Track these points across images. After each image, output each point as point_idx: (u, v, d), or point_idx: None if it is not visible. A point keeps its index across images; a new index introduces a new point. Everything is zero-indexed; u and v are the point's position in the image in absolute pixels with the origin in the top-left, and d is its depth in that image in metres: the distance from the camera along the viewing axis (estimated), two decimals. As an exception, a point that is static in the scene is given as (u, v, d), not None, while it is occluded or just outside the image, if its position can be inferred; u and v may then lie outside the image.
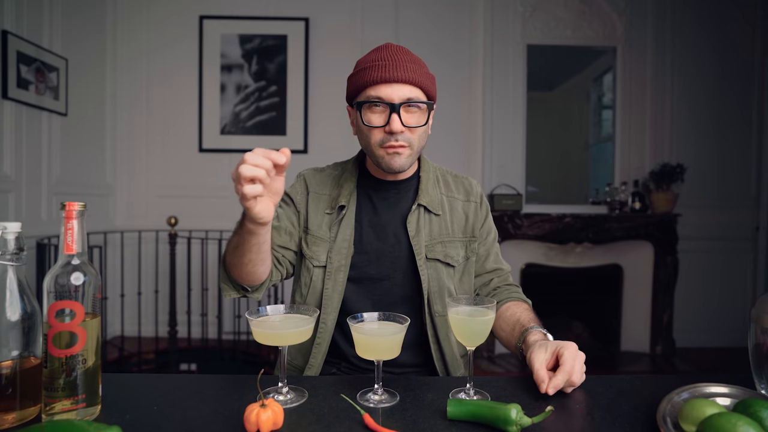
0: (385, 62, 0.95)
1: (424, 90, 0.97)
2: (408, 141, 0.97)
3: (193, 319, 3.13)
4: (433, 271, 1.03)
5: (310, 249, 1.05)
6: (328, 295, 1.02)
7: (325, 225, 1.06)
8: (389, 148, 0.96)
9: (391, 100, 0.94)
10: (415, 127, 0.97)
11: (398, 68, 0.94)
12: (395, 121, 0.93)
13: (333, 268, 1.02)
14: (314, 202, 1.08)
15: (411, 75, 0.95)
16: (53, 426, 0.58)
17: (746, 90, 3.46)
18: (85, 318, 0.66)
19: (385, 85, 0.94)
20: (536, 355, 0.80)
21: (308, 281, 1.05)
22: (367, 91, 0.96)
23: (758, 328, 0.74)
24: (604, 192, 3.47)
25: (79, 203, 0.66)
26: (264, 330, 0.76)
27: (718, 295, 3.49)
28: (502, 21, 3.38)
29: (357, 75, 0.98)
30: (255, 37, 3.44)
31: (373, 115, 0.96)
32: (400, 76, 0.94)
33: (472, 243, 1.09)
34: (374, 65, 0.95)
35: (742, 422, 0.56)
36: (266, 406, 0.64)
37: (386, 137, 0.96)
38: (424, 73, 0.98)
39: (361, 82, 0.96)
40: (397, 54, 0.97)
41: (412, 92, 0.95)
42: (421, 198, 1.05)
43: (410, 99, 0.95)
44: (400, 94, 0.94)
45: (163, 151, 3.47)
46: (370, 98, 0.95)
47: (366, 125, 0.97)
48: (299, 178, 1.13)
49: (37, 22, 2.71)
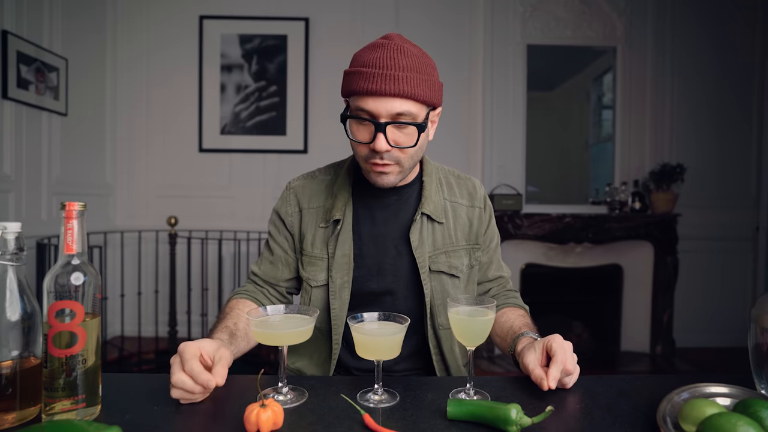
0: (377, 69, 0.83)
1: (421, 100, 0.86)
2: (395, 159, 0.89)
3: (193, 319, 3.13)
4: (437, 283, 0.99)
5: (306, 270, 1.01)
6: (336, 315, 0.98)
7: (320, 241, 1.00)
8: (375, 166, 0.89)
9: (378, 115, 0.84)
10: (404, 147, 0.88)
11: (388, 79, 0.82)
12: (380, 141, 0.85)
13: (336, 287, 0.98)
14: (307, 217, 1.03)
15: (403, 87, 0.83)
16: (53, 426, 0.58)
17: (746, 90, 3.46)
18: (85, 318, 0.66)
19: (372, 98, 0.83)
20: (528, 357, 0.80)
21: (308, 302, 1.02)
22: (353, 100, 0.87)
23: (758, 328, 0.74)
24: (604, 192, 3.47)
25: (79, 203, 0.66)
26: (264, 330, 0.75)
27: (718, 295, 3.49)
28: (502, 21, 3.38)
29: (348, 76, 0.88)
30: (255, 37, 3.44)
31: (359, 128, 0.88)
32: (390, 89, 0.82)
33: (476, 251, 1.05)
34: (364, 72, 0.84)
35: (742, 422, 0.56)
36: (266, 406, 0.64)
37: (371, 154, 0.88)
38: (422, 80, 0.85)
39: (349, 88, 0.87)
40: (394, 58, 0.84)
41: (404, 106, 0.84)
42: (425, 206, 0.99)
43: (401, 114, 0.84)
44: (389, 109, 0.83)
45: (163, 151, 3.47)
46: (356, 111, 0.87)
47: (351, 139, 0.90)
48: (290, 193, 1.05)
49: (37, 22, 2.71)
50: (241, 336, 0.89)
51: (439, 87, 0.91)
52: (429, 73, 0.88)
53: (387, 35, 0.90)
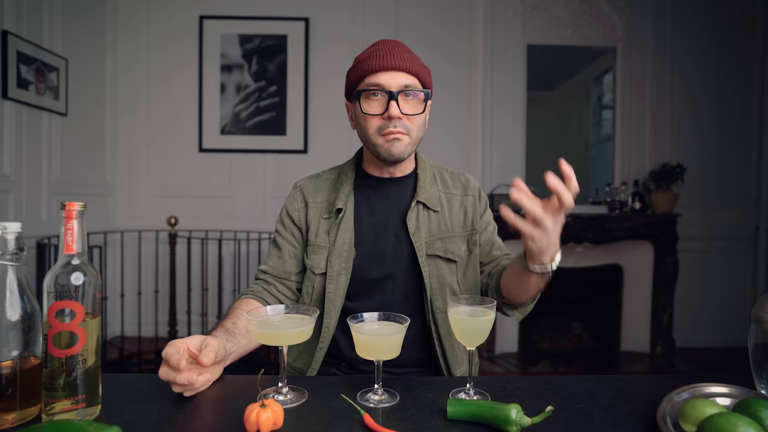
0: (383, 52, 0.98)
1: (420, 79, 1.00)
2: (406, 128, 0.98)
3: (193, 319, 3.13)
4: (434, 267, 1.03)
5: (310, 259, 1.06)
6: (330, 299, 1.02)
7: (323, 230, 1.06)
8: (388, 135, 0.98)
9: (390, 87, 0.96)
10: (413, 115, 0.99)
11: (395, 57, 0.97)
12: (393, 107, 0.95)
13: (334, 272, 1.02)
14: (313, 211, 1.08)
15: (408, 64, 0.98)
16: (53, 426, 0.57)
17: (746, 90, 3.46)
18: (85, 318, 0.66)
19: (383, 72, 0.97)
20: (521, 224, 0.77)
21: (310, 290, 1.05)
22: (365, 80, 0.99)
23: (758, 328, 0.74)
24: (604, 192, 3.47)
25: (79, 203, 0.66)
26: (264, 330, 0.76)
27: (718, 295, 3.48)
28: (502, 21, 3.38)
29: (355, 68, 1.01)
30: (255, 37, 3.44)
31: (371, 103, 0.98)
32: (398, 64, 0.97)
33: (473, 236, 1.08)
34: (372, 56, 0.98)
35: (742, 422, 0.56)
36: (266, 406, 0.64)
37: (385, 123, 0.97)
38: (419, 63, 1.01)
39: (359, 72, 0.99)
40: (394, 45, 1.00)
41: (409, 80, 0.98)
42: (420, 195, 1.04)
43: (408, 86, 0.97)
44: (398, 81, 0.97)
45: (163, 151, 3.47)
46: (369, 86, 0.98)
47: (364, 113, 0.98)
48: (296, 191, 1.13)
49: (37, 22, 2.71)
50: (242, 334, 0.90)
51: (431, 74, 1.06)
52: (422, 62, 1.03)
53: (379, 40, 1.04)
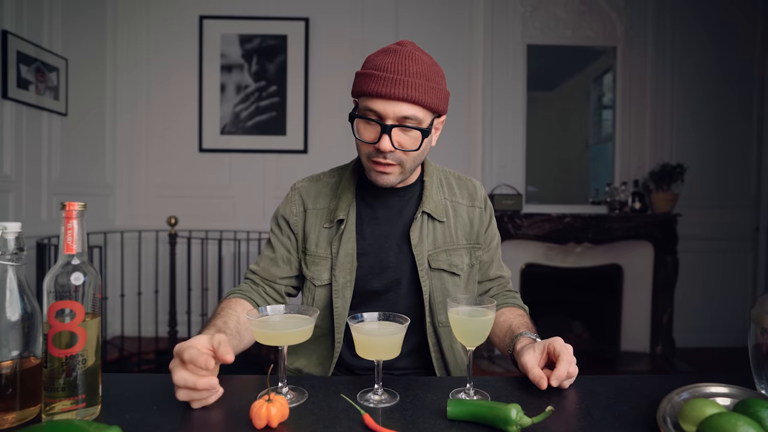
0: (388, 74, 0.87)
1: (427, 107, 0.89)
2: (398, 160, 0.92)
3: (193, 319, 3.12)
4: (438, 281, 1.01)
5: (310, 270, 1.03)
6: (339, 314, 1.00)
7: (324, 240, 1.02)
8: (377, 165, 0.92)
9: (385, 117, 0.88)
10: (407, 150, 0.91)
11: (398, 84, 0.86)
12: (385, 142, 0.88)
13: (339, 286, 1.00)
14: (312, 218, 1.04)
15: (411, 92, 0.86)
16: (53, 426, 0.57)
17: (746, 90, 3.46)
18: (85, 318, 0.66)
19: (381, 100, 0.87)
20: (527, 357, 0.80)
21: (310, 300, 1.03)
22: (363, 100, 0.91)
23: (758, 328, 0.74)
24: (604, 192, 3.47)
25: (79, 203, 0.66)
26: (264, 330, 0.76)
27: (718, 295, 3.48)
28: (502, 21, 3.38)
29: (360, 78, 0.92)
30: (255, 37, 3.44)
31: (365, 128, 0.92)
32: (399, 93, 0.86)
33: (477, 250, 1.06)
34: (375, 75, 0.88)
35: (742, 422, 0.56)
36: (273, 401, 0.66)
37: (375, 152, 0.91)
38: (430, 88, 0.89)
39: (360, 86, 0.91)
40: (405, 64, 0.88)
41: (410, 111, 0.88)
42: (425, 205, 1.01)
43: (406, 118, 0.88)
44: (396, 112, 0.87)
45: (163, 151, 3.47)
46: (365, 110, 0.90)
47: (357, 138, 0.93)
48: (295, 193, 1.08)
49: (37, 22, 2.71)
50: (233, 334, 0.87)
51: (446, 96, 0.94)
52: (437, 82, 0.91)
53: (400, 42, 0.94)
